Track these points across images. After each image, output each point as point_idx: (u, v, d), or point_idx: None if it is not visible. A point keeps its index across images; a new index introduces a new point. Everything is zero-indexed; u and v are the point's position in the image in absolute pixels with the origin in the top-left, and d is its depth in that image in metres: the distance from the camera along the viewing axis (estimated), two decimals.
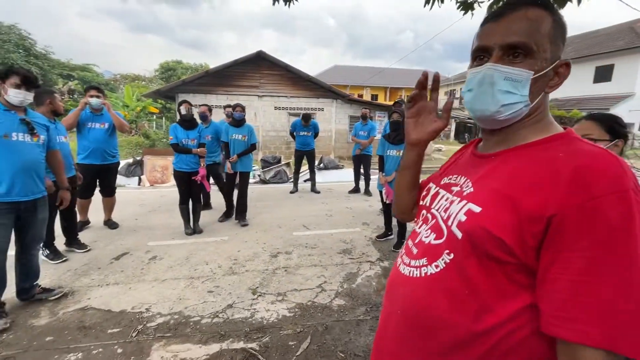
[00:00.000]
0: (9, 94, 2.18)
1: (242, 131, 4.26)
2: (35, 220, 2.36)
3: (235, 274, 2.99)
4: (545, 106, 0.66)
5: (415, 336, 0.67)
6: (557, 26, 0.61)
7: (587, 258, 0.48)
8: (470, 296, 0.59)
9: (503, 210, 0.56)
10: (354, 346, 2.09)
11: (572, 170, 0.51)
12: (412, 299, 0.68)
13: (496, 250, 0.55)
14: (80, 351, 1.99)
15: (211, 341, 2.10)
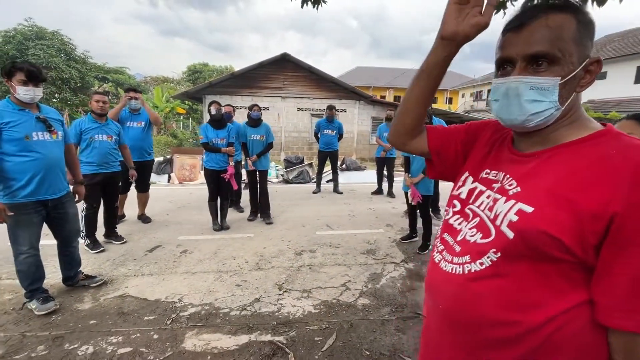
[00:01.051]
0: (18, 92, 2.14)
1: (260, 131, 4.37)
2: (67, 215, 2.49)
3: (261, 269, 3.08)
4: (579, 104, 0.66)
5: (459, 331, 0.69)
6: (582, 26, 0.60)
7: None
8: (520, 293, 0.60)
9: (560, 210, 0.56)
10: (380, 345, 2.10)
11: (634, 168, 0.52)
12: (454, 296, 0.69)
13: (553, 250, 0.56)
14: (120, 335, 2.13)
15: (240, 332, 2.18)
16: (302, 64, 12.81)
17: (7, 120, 2.13)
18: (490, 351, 0.64)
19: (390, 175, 5.98)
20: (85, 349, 2.00)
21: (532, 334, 0.58)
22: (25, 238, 2.28)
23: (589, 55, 0.62)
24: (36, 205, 2.28)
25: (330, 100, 13.28)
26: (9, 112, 2.16)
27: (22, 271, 2.33)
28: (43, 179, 2.26)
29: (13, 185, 2.18)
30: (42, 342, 2.05)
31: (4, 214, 2.12)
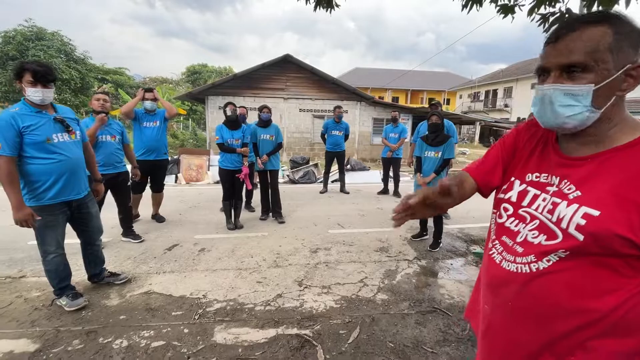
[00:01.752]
0: (28, 94, 2.11)
1: (270, 131, 4.45)
2: (90, 215, 2.53)
3: (279, 267, 3.15)
4: (623, 107, 0.70)
5: (532, 323, 0.74)
6: (621, 36, 0.64)
7: None
8: (591, 282, 0.66)
9: (625, 212, 0.62)
10: (402, 337, 2.18)
11: None
12: (525, 292, 0.74)
13: (622, 248, 0.62)
14: (151, 329, 2.19)
15: (267, 326, 2.26)
16: (304, 65, 12.90)
17: (28, 123, 2.11)
18: (568, 339, 0.70)
19: (396, 175, 6.08)
20: (119, 342, 2.06)
21: (606, 317, 0.66)
22: (52, 239, 2.33)
23: (632, 60, 0.65)
24: (61, 206, 2.31)
25: (332, 101, 13.37)
26: (28, 115, 2.13)
27: (51, 271, 2.38)
28: (67, 180, 2.28)
29: (39, 188, 2.20)
30: (77, 336, 2.11)
31: (32, 220, 2.14)
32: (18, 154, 2.11)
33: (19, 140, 2.10)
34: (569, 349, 0.71)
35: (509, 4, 3.46)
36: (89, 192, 2.54)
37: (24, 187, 2.18)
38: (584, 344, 0.70)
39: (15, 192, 2.09)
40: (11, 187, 2.08)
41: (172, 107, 4.08)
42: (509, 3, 3.46)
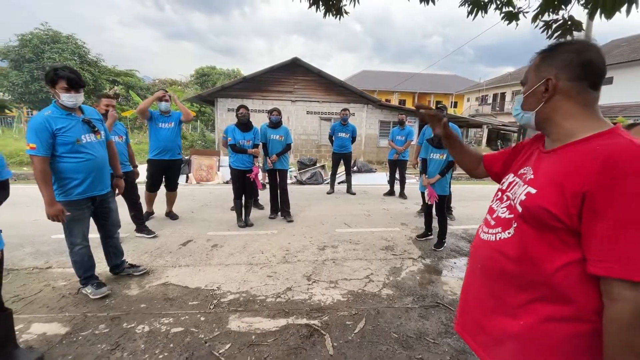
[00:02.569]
0: (62, 99, 2.28)
1: (279, 132, 4.61)
2: (110, 210, 2.71)
3: (288, 262, 3.29)
4: (566, 111, 0.84)
5: (493, 282, 0.92)
6: (544, 59, 0.87)
7: (612, 220, 0.69)
8: (532, 252, 0.82)
9: (552, 191, 0.78)
10: (406, 329, 2.30)
11: (604, 158, 0.72)
12: (490, 256, 0.94)
13: (551, 220, 0.78)
14: (170, 317, 2.35)
15: (278, 316, 2.40)
16: (312, 69, 13.09)
17: (60, 126, 2.28)
18: (514, 299, 0.86)
19: (402, 177, 6.18)
20: (141, 327, 2.22)
21: (544, 283, 0.80)
22: (79, 231, 2.51)
23: (549, 74, 0.85)
24: (87, 201, 2.49)
25: (339, 104, 13.53)
26: (60, 118, 2.30)
27: (77, 261, 2.56)
28: (94, 177, 2.46)
29: (68, 184, 2.38)
30: (102, 321, 2.28)
31: (62, 215, 2.31)
32: (51, 154, 2.29)
33: (52, 141, 2.28)
34: (513, 309, 0.87)
35: (513, 11, 3.57)
36: (110, 189, 2.71)
37: (55, 183, 2.35)
38: (526, 306, 0.84)
39: (48, 189, 2.27)
40: (44, 185, 2.26)
41: (188, 112, 4.27)
42: (513, 10, 3.57)
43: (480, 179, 1.37)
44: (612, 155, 0.71)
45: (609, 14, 2.75)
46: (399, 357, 2.02)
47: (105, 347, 2.03)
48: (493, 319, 0.92)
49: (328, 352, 2.04)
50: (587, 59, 0.81)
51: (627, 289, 0.68)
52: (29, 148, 2.21)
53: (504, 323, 0.88)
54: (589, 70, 0.81)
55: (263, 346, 2.07)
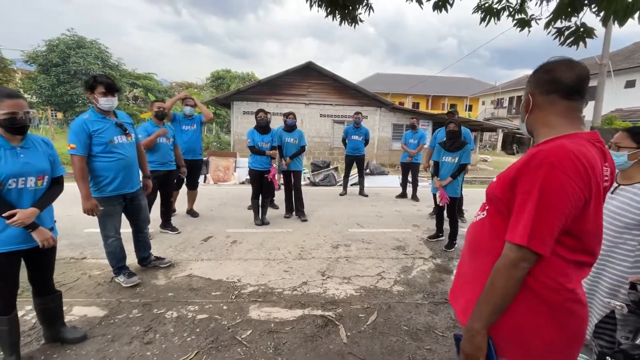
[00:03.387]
0: (100, 103, 2.49)
1: (294, 135, 4.79)
2: (141, 206, 2.93)
3: (303, 259, 3.46)
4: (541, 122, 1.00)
5: (470, 258, 1.10)
6: (528, 80, 1.02)
7: (517, 200, 0.89)
8: (493, 229, 1.00)
9: (502, 180, 0.97)
10: (416, 322, 2.42)
11: (530, 155, 0.89)
12: (471, 235, 1.12)
13: (496, 201, 0.98)
14: (196, 305, 2.55)
15: (295, 307, 2.56)
16: (326, 72, 13.28)
17: (96, 128, 2.51)
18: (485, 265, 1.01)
19: (414, 180, 6.27)
20: (170, 313, 2.42)
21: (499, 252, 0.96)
22: (111, 225, 2.74)
23: (529, 91, 1.01)
24: (118, 198, 2.72)
25: (353, 107, 13.66)
26: (96, 121, 2.53)
27: (111, 252, 2.79)
28: (124, 176, 2.68)
29: (101, 182, 2.61)
30: (135, 307, 2.49)
31: (97, 209, 2.55)
32: (88, 154, 2.53)
33: (89, 142, 2.52)
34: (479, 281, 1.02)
35: (525, 18, 3.65)
36: (140, 187, 2.94)
37: (90, 180, 2.59)
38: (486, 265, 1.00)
39: (85, 186, 2.51)
40: (82, 181, 2.50)
41: (209, 113, 4.54)
42: (526, 17, 3.65)
43: None
44: (536, 153, 0.89)
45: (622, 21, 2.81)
46: (409, 347, 2.15)
47: (139, 329, 2.23)
48: (468, 282, 1.09)
49: (342, 341, 2.18)
50: (553, 77, 0.96)
51: (507, 248, 0.89)
52: (70, 148, 2.46)
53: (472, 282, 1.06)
54: (556, 85, 0.96)
55: (281, 333, 2.24)
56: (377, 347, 2.14)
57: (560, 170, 0.83)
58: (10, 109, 1.65)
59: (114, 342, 2.10)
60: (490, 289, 0.91)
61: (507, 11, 3.78)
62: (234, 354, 2.03)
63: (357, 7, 3.68)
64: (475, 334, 0.91)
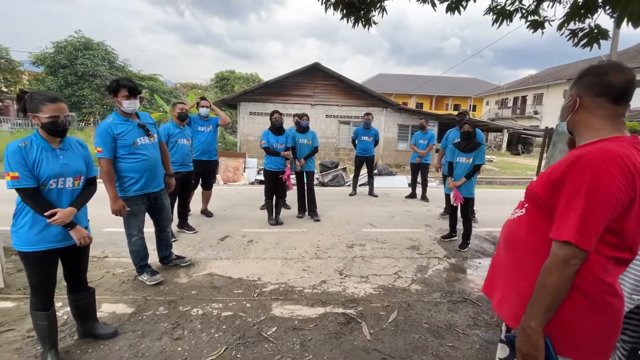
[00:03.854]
0: (124, 105, 2.56)
1: (307, 136, 4.85)
2: (164, 205, 2.99)
3: (320, 258, 3.51)
4: (585, 123, 1.04)
5: (508, 253, 1.15)
6: (576, 80, 1.07)
7: (562, 200, 0.94)
8: (533, 226, 1.05)
9: (544, 180, 1.03)
10: (436, 320, 2.46)
11: (576, 156, 0.94)
12: (507, 230, 1.17)
13: (537, 199, 1.02)
14: (220, 302, 2.60)
15: (316, 305, 2.61)
16: (332, 73, 13.34)
17: (120, 130, 2.59)
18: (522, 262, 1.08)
19: (424, 180, 6.30)
20: (196, 311, 2.48)
21: (540, 251, 1.01)
22: (135, 224, 2.80)
23: (576, 92, 1.06)
24: (142, 197, 2.78)
25: (358, 107, 13.71)
26: (119, 124, 2.60)
27: (134, 251, 2.85)
28: (148, 176, 2.75)
29: (126, 182, 2.68)
30: (161, 304, 2.55)
31: (124, 210, 2.61)
32: (113, 156, 2.60)
33: (114, 144, 2.59)
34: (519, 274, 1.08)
35: (539, 19, 3.68)
36: (164, 187, 3.00)
37: (116, 181, 2.65)
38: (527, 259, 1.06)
39: (113, 187, 2.58)
40: (110, 183, 2.57)
41: (226, 117, 4.64)
42: (539, 19, 3.68)
43: None
44: (583, 154, 0.93)
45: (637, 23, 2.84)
46: (431, 344, 2.19)
47: (167, 325, 2.29)
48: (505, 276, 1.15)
49: (366, 337, 2.23)
50: (604, 80, 1.00)
51: (556, 247, 0.93)
52: (97, 151, 2.53)
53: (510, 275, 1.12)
54: (606, 89, 1.00)
55: (306, 330, 2.29)
56: (400, 343, 2.19)
57: (607, 171, 0.88)
58: (52, 113, 1.72)
59: (145, 337, 2.16)
60: (543, 288, 0.94)
61: (519, 12, 3.82)
62: (262, 349, 2.08)
63: (372, 10, 3.73)
64: (532, 333, 0.95)
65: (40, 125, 1.73)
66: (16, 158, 1.66)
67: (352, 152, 13.72)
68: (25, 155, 1.69)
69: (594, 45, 3.34)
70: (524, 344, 0.97)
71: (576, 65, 25.98)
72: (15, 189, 1.71)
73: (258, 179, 7.98)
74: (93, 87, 19.96)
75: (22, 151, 1.69)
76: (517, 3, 3.74)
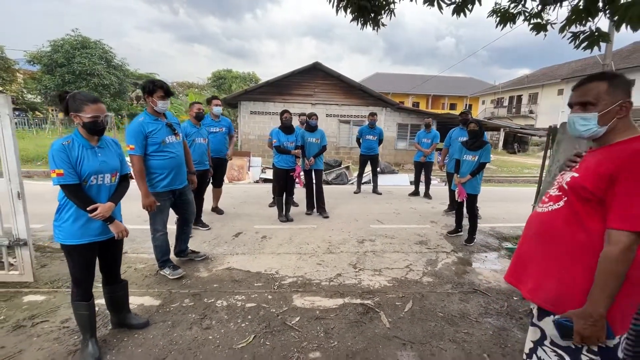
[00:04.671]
0: (158, 105, 2.70)
1: (316, 135, 4.96)
2: (188, 201, 3.11)
3: (333, 253, 3.62)
4: (624, 124, 1.15)
5: (542, 244, 1.23)
6: (611, 85, 1.13)
7: (622, 192, 1.02)
8: (574, 218, 1.14)
9: (590, 174, 1.11)
10: (450, 309, 2.60)
11: (632, 152, 1.04)
12: (542, 223, 1.25)
13: (585, 193, 1.11)
14: (242, 295, 2.71)
15: (335, 297, 2.73)
16: (332, 73, 13.45)
17: (151, 129, 2.71)
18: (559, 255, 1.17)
19: (427, 179, 6.45)
20: (220, 302, 2.58)
21: (581, 243, 1.11)
22: (161, 220, 2.90)
23: (622, 98, 1.13)
24: (169, 193, 2.90)
25: (358, 107, 13.84)
26: (150, 122, 2.72)
27: (158, 246, 2.95)
28: (175, 172, 2.87)
29: (155, 179, 2.79)
30: (185, 297, 2.65)
31: (154, 205, 2.72)
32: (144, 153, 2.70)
33: (145, 142, 2.69)
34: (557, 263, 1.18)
35: (541, 22, 3.82)
36: (187, 184, 3.11)
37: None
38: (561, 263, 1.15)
39: (144, 183, 2.70)
40: (141, 180, 2.68)
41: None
42: (542, 22, 3.82)
43: None
44: (638, 150, 1.05)
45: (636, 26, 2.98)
46: (447, 331, 2.32)
47: (195, 316, 2.39)
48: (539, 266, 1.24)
49: (385, 326, 2.35)
50: (631, 87, 1.14)
51: (621, 236, 1.01)
52: (129, 149, 2.63)
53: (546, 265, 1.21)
54: (631, 95, 1.15)
55: (328, 319, 2.41)
56: (418, 331, 2.31)
57: None
58: (94, 113, 1.81)
59: (175, 327, 2.26)
60: (606, 275, 1.03)
61: (522, 15, 3.96)
62: (288, 337, 2.19)
63: (382, 13, 3.85)
64: (600, 318, 1.05)
65: (81, 124, 1.82)
66: (61, 156, 1.76)
67: (352, 151, 13.91)
68: (69, 153, 1.78)
69: (594, 47, 3.50)
70: (590, 327, 1.06)
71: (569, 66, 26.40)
72: (59, 185, 1.80)
73: (263, 177, 8.08)
74: (91, 85, 19.84)
75: (66, 149, 1.78)
76: (520, 6, 3.89)
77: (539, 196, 3.45)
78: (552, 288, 1.19)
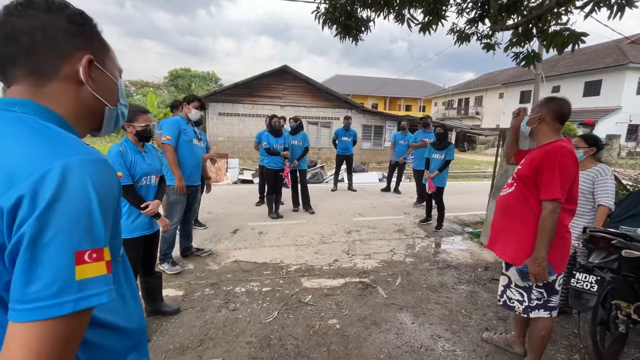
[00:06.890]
0: (192, 113, 3.19)
1: (298, 137, 5.37)
2: (196, 199, 3.41)
3: (326, 243, 4.07)
4: (548, 131, 1.73)
5: (503, 215, 1.83)
6: (545, 103, 1.75)
7: (544, 176, 1.63)
8: (522, 197, 1.73)
9: (528, 166, 1.72)
10: (431, 281, 3.18)
11: (546, 151, 1.65)
12: (503, 202, 1.85)
13: (527, 180, 1.71)
14: (256, 281, 3.05)
15: (337, 277, 3.18)
16: (300, 76, 13.86)
17: (184, 127, 3.13)
18: (514, 222, 1.77)
19: (399, 176, 7.14)
20: (239, 289, 2.91)
21: (531, 214, 1.70)
22: (177, 212, 3.16)
23: (543, 113, 1.75)
24: (189, 187, 3.19)
25: (325, 109, 14.39)
26: (184, 122, 3.16)
27: (167, 238, 3.17)
28: (195, 170, 3.24)
29: (180, 171, 3.10)
30: (205, 286, 2.93)
31: (184, 188, 3.06)
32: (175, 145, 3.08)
33: (178, 136, 3.07)
34: (512, 223, 1.78)
35: (490, 42, 4.61)
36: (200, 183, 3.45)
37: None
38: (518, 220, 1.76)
39: (178, 169, 3.05)
40: (175, 166, 3.03)
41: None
42: (491, 42, 4.62)
43: (510, 164, 2.20)
44: (550, 149, 1.64)
45: (560, 50, 3.82)
46: (431, 297, 2.89)
47: (219, 302, 2.70)
48: (504, 233, 1.82)
49: (383, 296, 2.86)
50: (561, 111, 1.72)
51: (547, 203, 1.61)
52: (165, 139, 3.01)
53: (509, 232, 1.79)
54: (560, 115, 1.73)
55: (335, 295, 2.85)
56: (409, 298, 2.85)
57: (568, 158, 1.59)
58: (146, 122, 2.07)
59: (205, 311, 2.55)
60: (544, 230, 1.60)
61: (475, 36, 4.74)
62: (306, 311, 2.60)
63: (363, 30, 4.37)
64: (542, 260, 1.61)
65: (134, 132, 2.07)
66: (118, 160, 2.00)
67: (320, 151, 14.44)
68: (125, 157, 2.03)
69: (530, 65, 4.36)
70: (537, 267, 1.62)
71: (507, 72, 29.52)
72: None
73: (241, 178, 8.25)
74: None
75: (122, 154, 2.02)
76: (473, 28, 4.65)
77: (494, 186, 4.19)
78: (512, 247, 1.78)
